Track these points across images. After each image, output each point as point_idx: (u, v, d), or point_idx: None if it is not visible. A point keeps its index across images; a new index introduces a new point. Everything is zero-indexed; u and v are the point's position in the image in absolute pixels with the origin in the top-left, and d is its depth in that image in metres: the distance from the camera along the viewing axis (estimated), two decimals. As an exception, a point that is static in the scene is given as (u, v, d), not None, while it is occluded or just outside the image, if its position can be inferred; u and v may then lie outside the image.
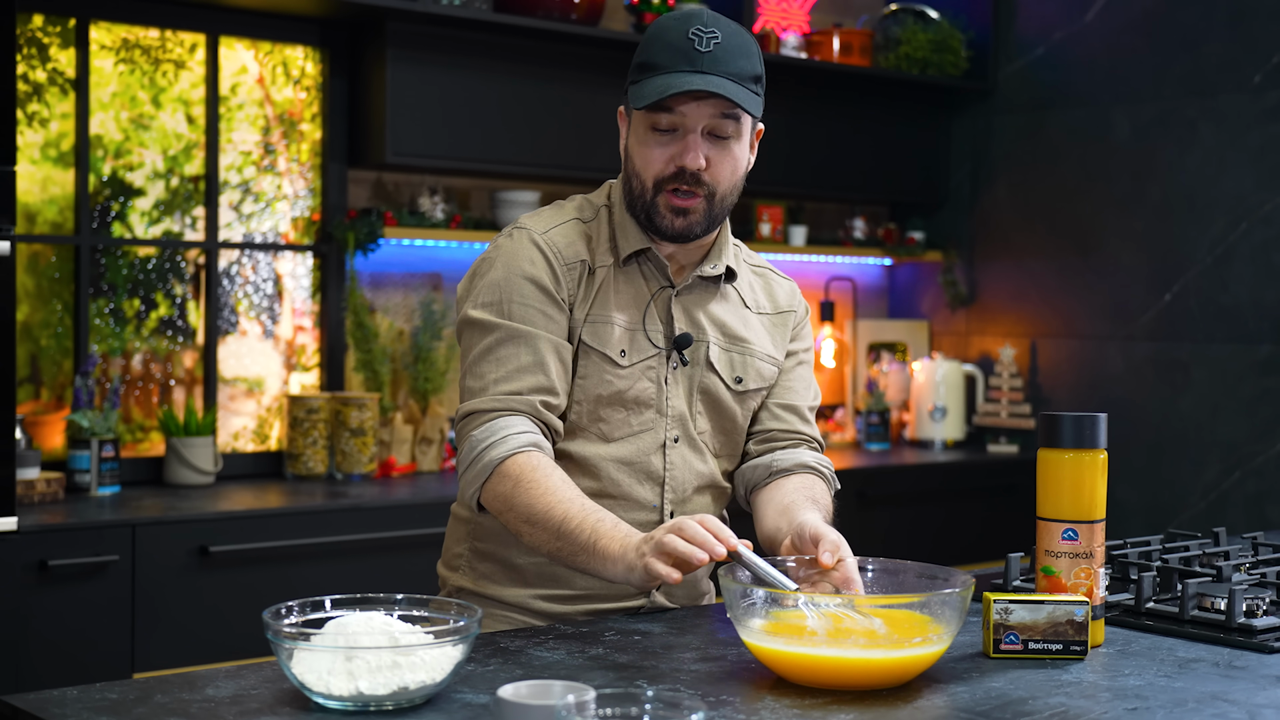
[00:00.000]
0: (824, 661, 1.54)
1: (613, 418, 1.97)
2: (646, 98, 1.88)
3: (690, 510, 2.02)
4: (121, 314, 3.83)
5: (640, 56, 1.93)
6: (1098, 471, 1.81)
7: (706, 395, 2.03)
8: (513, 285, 1.94)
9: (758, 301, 2.11)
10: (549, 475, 1.83)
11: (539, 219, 2.01)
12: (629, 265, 1.99)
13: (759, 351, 2.08)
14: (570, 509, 1.80)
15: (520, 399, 1.89)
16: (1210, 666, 1.72)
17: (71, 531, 3.11)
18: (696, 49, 1.88)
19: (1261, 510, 4.35)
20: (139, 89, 3.82)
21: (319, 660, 1.47)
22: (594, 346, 1.95)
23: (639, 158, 1.94)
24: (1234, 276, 4.43)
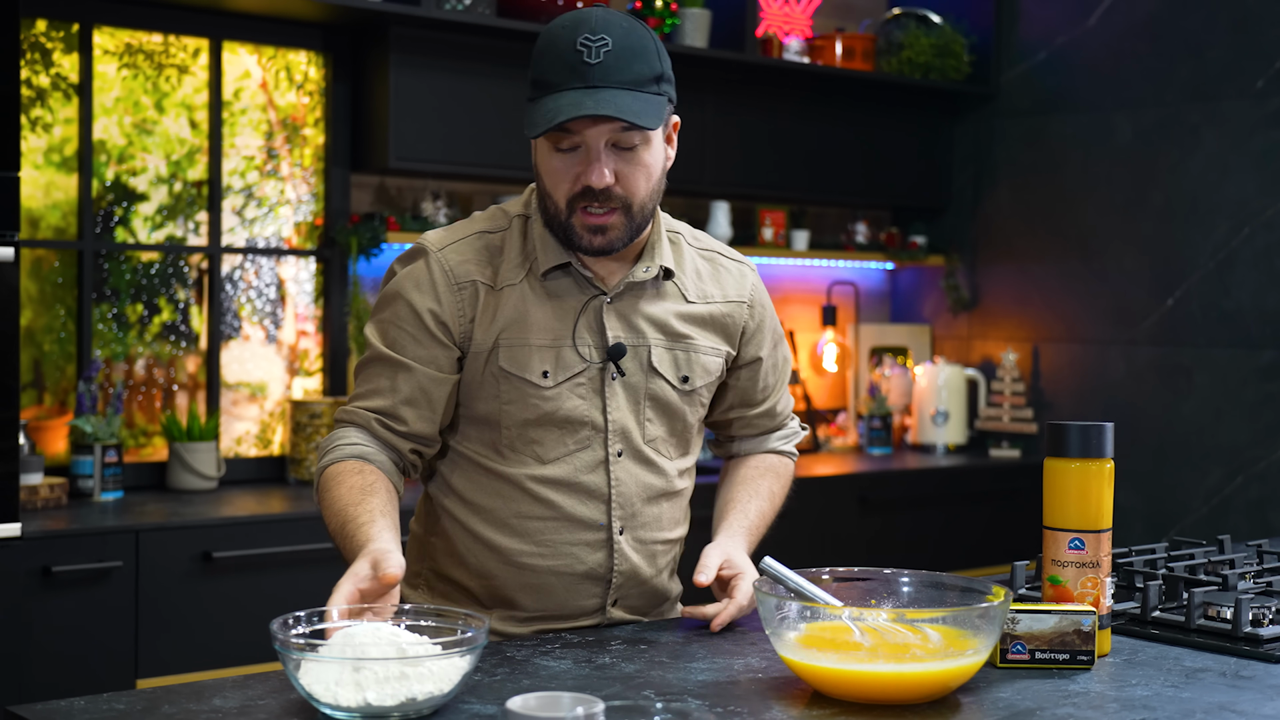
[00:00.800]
0: (870, 676, 1.54)
1: (545, 439, 1.90)
2: (537, 125, 1.79)
3: (643, 524, 1.96)
4: (124, 319, 3.82)
5: (533, 71, 1.83)
6: (1104, 481, 1.81)
7: (656, 401, 1.95)
8: (394, 308, 1.91)
9: (703, 292, 2.00)
10: (339, 483, 1.83)
11: (442, 234, 1.94)
12: (550, 279, 1.90)
13: (703, 346, 1.99)
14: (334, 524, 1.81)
15: (362, 414, 1.91)
16: (1217, 676, 1.71)
17: (75, 537, 3.11)
18: (586, 61, 1.78)
19: (1264, 515, 4.35)
20: (142, 94, 3.82)
21: (327, 671, 1.46)
22: (511, 372, 1.88)
23: (546, 178, 1.86)
24: (1236, 281, 4.43)
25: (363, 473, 1.84)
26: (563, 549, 1.93)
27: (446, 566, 1.99)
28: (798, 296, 5.14)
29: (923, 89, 4.96)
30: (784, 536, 4.15)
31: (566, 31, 1.80)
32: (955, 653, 1.57)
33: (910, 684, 1.55)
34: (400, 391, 1.89)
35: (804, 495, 4.36)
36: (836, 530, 4.30)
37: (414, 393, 1.89)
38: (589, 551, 1.93)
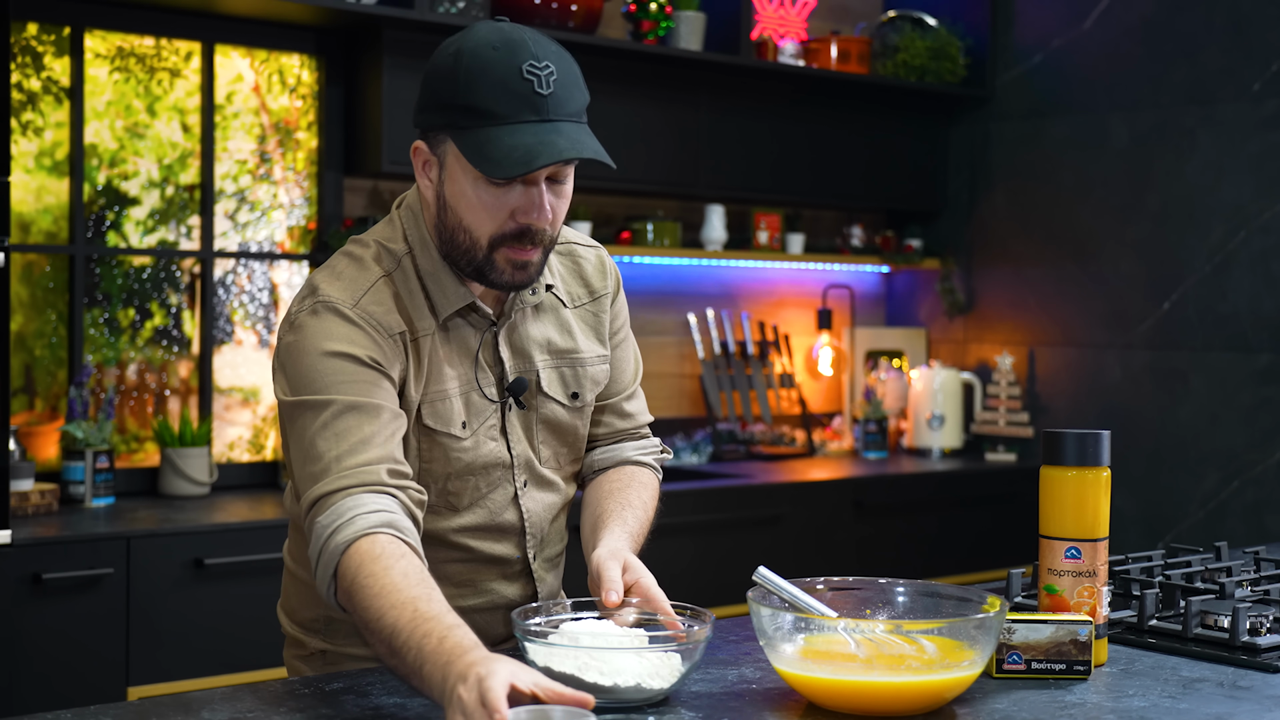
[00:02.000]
0: (866, 687, 1.53)
1: (461, 489, 1.79)
2: (502, 165, 1.61)
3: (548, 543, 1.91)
4: (116, 324, 3.81)
5: (462, 96, 1.64)
6: (1101, 489, 1.79)
7: (548, 423, 1.87)
8: (328, 365, 1.66)
9: (572, 294, 1.90)
10: (388, 570, 1.53)
11: (343, 286, 1.71)
12: (450, 322, 1.77)
13: (588, 358, 1.90)
14: (400, 618, 1.48)
15: (368, 470, 1.62)
16: (1215, 687, 1.70)
17: (66, 544, 3.09)
18: (538, 92, 1.63)
19: (1260, 520, 4.34)
20: (134, 97, 3.80)
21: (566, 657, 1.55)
22: (436, 429, 1.75)
23: (470, 215, 1.69)
24: (1233, 285, 4.42)
25: (405, 556, 1.55)
26: (483, 586, 1.86)
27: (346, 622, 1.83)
28: (793, 300, 5.13)
29: (918, 92, 4.95)
30: (778, 541, 4.16)
31: (502, 55, 1.64)
32: (951, 664, 1.56)
33: (906, 695, 1.54)
34: (392, 436, 1.66)
35: (798, 499, 4.37)
36: (831, 535, 4.29)
37: (398, 436, 1.67)
38: (507, 584, 1.88)
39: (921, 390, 4.96)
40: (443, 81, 1.67)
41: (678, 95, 4.46)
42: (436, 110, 1.68)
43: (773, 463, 4.64)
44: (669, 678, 1.57)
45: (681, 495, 3.95)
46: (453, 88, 1.65)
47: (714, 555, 3.99)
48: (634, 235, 4.50)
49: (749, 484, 4.18)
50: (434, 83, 1.69)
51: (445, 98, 1.66)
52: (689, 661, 1.59)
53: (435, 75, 1.69)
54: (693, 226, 4.77)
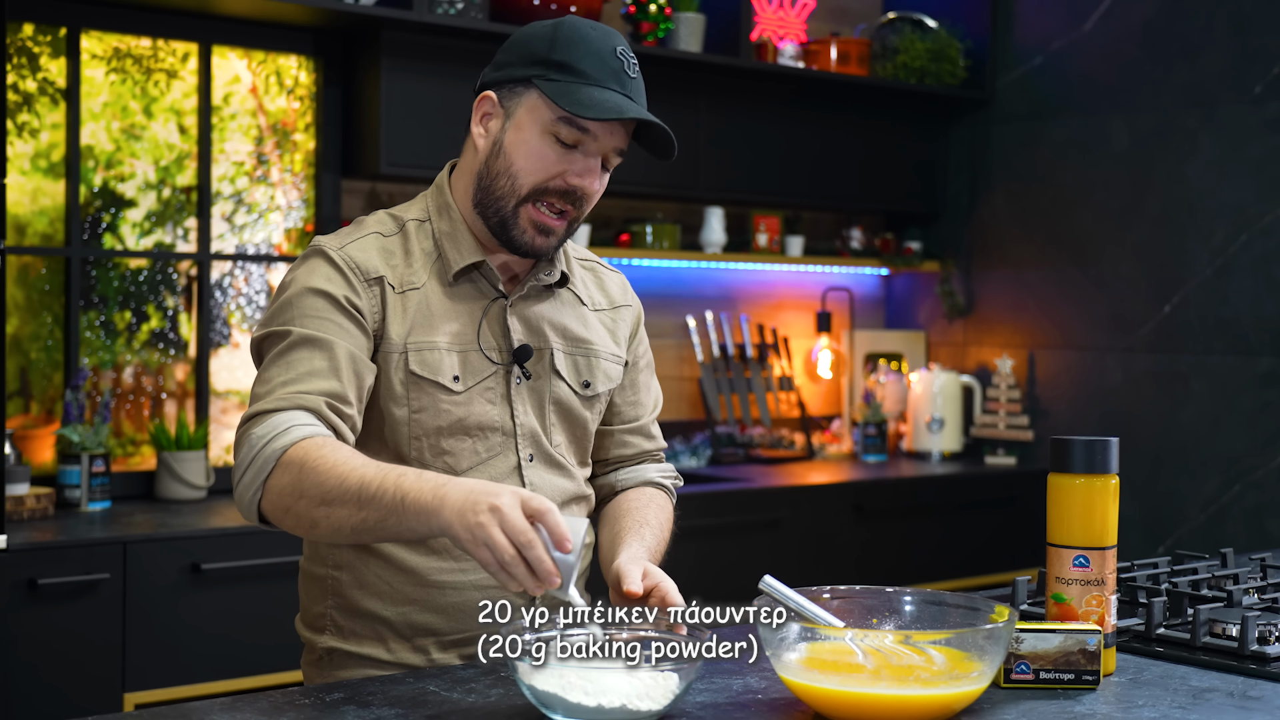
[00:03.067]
0: (874, 699, 1.51)
1: (458, 448, 1.82)
2: (590, 108, 1.73)
3: None
4: (112, 326, 3.78)
5: (558, 54, 1.77)
6: (1109, 497, 1.78)
7: (559, 406, 1.90)
8: (303, 300, 1.75)
9: (593, 298, 1.98)
10: (337, 450, 1.62)
11: (335, 236, 1.84)
12: (456, 281, 1.84)
13: (603, 352, 1.95)
14: (367, 473, 1.58)
15: (307, 397, 1.69)
16: (1225, 697, 1.68)
17: (61, 549, 3.06)
18: (627, 73, 1.80)
19: (1262, 524, 4.32)
20: (130, 99, 3.78)
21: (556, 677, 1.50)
22: (424, 376, 1.79)
23: (525, 159, 1.78)
24: (1234, 288, 4.41)
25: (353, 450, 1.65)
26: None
27: (357, 599, 1.85)
28: (792, 303, 5.12)
29: (918, 94, 4.93)
30: (777, 545, 4.14)
31: (600, 37, 1.79)
32: (960, 675, 1.54)
33: (914, 708, 1.52)
34: (342, 371, 1.72)
35: (798, 503, 4.35)
36: (830, 538, 4.27)
37: (352, 376, 1.73)
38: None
39: (921, 393, 4.94)
40: (538, 41, 1.79)
41: (677, 97, 4.44)
42: (524, 64, 1.79)
43: (772, 466, 4.62)
44: (661, 699, 1.51)
45: (680, 498, 3.91)
46: (550, 45, 1.78)
47: (713, 559, 3.97)
48: (633, 238, 4.48)
49: (748, 487, 4.16)
50: (526, 42, 1.81)
51: (540, 53, 1.78)
52: (685, 682, 1.53)
53: (528, 37, 1.81)
54: (692, 229, 4.75)
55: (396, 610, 1.85)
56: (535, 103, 1.78)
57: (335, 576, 1.87)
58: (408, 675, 1.75)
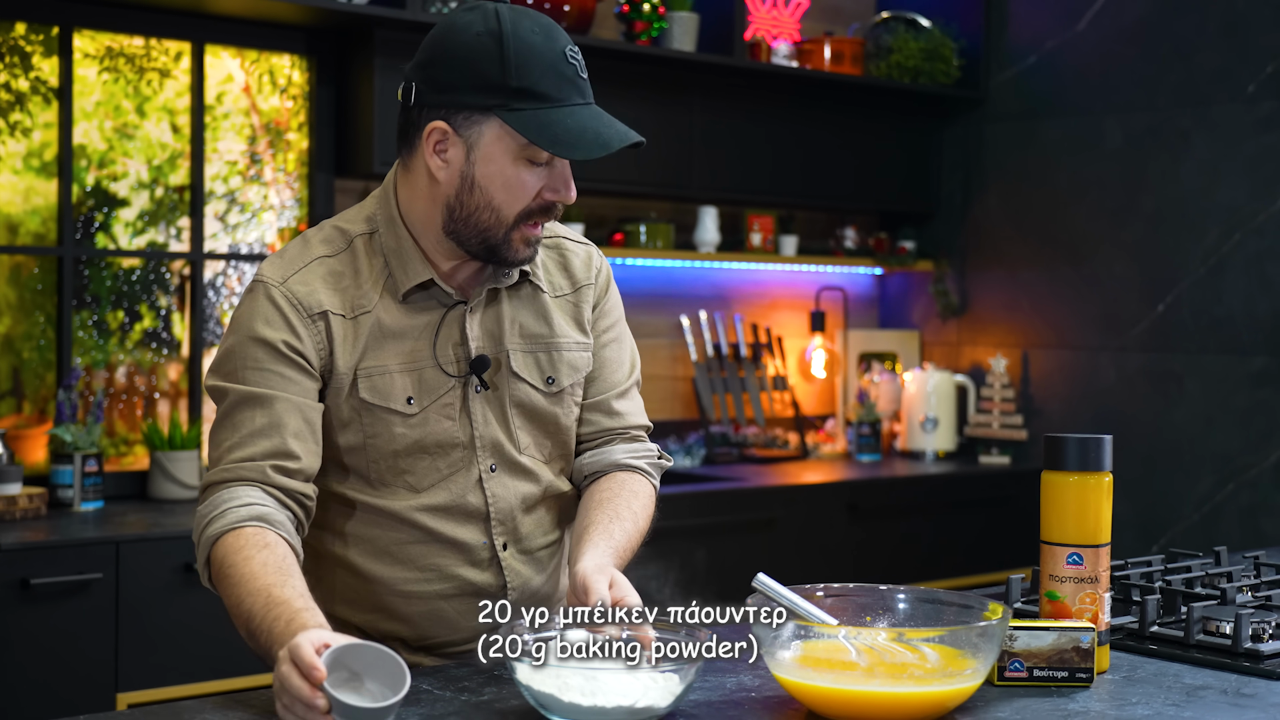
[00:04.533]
0: (868, 697, 1.51)
1: (417, 467, 1.80)
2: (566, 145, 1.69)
3: (524, 535, 1.87)
4: (105, 326, 3.78)
5: (514, 79, 1.68)
6: (1103, 494, 1.78)
7: (523, 408, 1.85)
8: (245, 350, 1.74)
9: (554, 283, 1.91)
10: (248, 560, 1.62)
11: (280, 264, 1.77)
12: (409, 298, 1.79)
13: (565, 343, 1.89)
14: (255, 605, 1.59)
15: (251, 465, 1.70)
16: (1219, 694, 1.68)
17: (54, 549, 3.06)
18: (580, 76, 1.74)
19: (1256, 523, 4.32)
20: (123, 98, 3.77)
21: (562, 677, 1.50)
22: (375, 403, 1.77)
23: (503, 191, 1.73)
24: (1227, 287, 4.41)
25: (269, 546, 1.64)
26: (448, 571, 1.83)
27: (341, 610, 1.86)
28: (786, 302, 5.11)
29: (912, 93, 4.93)
30: (771, 544, 4.13)
31: (542, 39, 1.71)
32: (954, 673, 1.54)
33: (908, 705, 1.52)
34: (286, 426, 1.71)
35: (792, 503, 4.35)
36: (824, 538, 4.27)
37: (299, 425, 1.73)
38: (475, 571, 1.84)
39: (915, 393, 4.94)
40: (486, 62, 1.69)
41: (671, 96, 4.44)
42: (476, 91, 1.69)
43: (766, 465, 4.62)
44: (660, 699, 1.51)
45: (674, 498, 3.92)
46: (502, 70, 1.69)
47: (708, 559, 3.97)
48: (626, 237, 4.48)
49: (742, 487, 4.16)
50: (471, 62, 1.70)
51: (493, 78, 1.69)
52: (685, 682, 1.52)
53: (472, 55, 1.70)
54: (685, 228, 4.75)
55: (364, 617, 1.86)
56: (499, 132, 1.71)
57: (322, 588, 1.85)
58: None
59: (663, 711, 1.52)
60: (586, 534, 1.78)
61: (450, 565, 1.83)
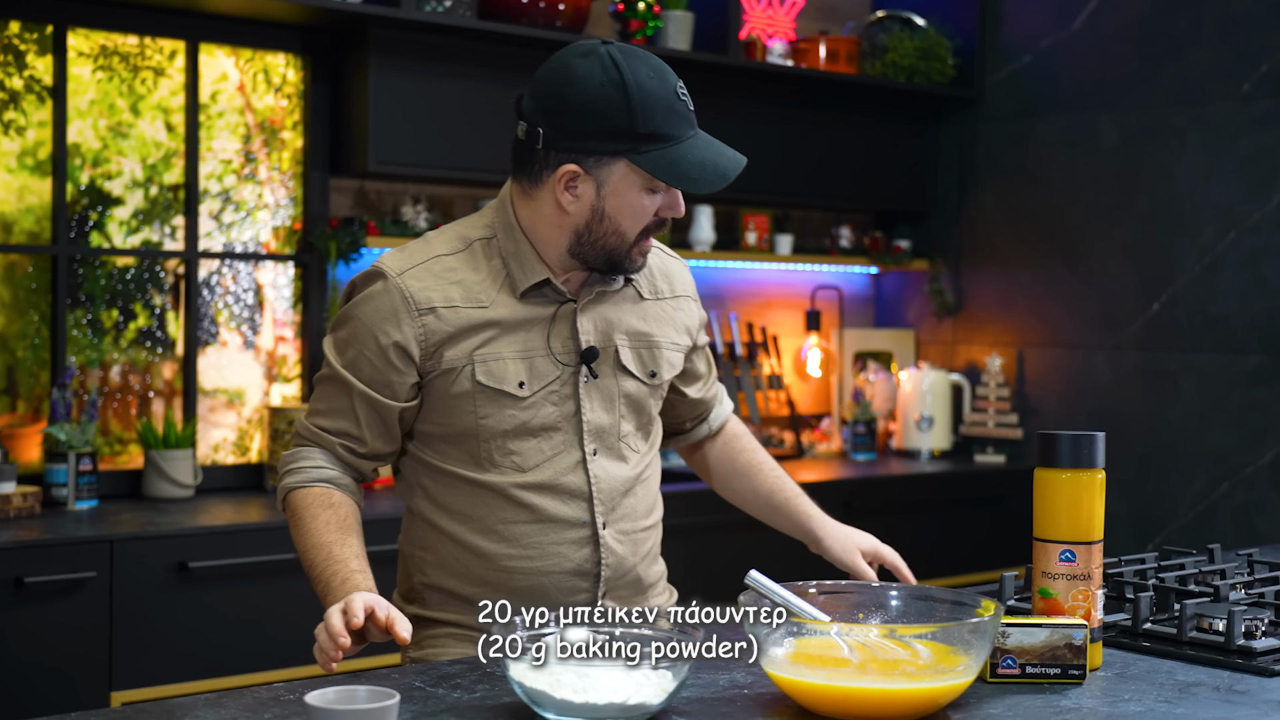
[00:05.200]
0: (860, 693, 1.51)
1: (523, 449, 1.98)
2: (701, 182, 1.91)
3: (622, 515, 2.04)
4: (99, 325, 3.77)
5: (641, 125, 1.88)
6: (1096, 492, 1.78)
7: (628, 398, 2.05)
8: (353, 329, 1.98)
9: (655, 288, 2.12)
10: (316, 516, 1.95)
11: (400, 257, 1.99)
12: (524, 296, 1.99)
13: (664, 342, 2.10)
14: (317, 559, 1.91)
15: (326, 437, 2.00)
16: (1211, 691, 1.68)
17: (48, 547, 3.05)
18: (690, 110, 1.94)
19: (1250, 522, 4.33)
20: (117, 96, 3.77)
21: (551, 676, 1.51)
22: (489, 385, 1.96)
23: (629, 218, 1.94)
24: (1222, 286, 4.41)
25: (334, 506, 1.96)
26: (549, 549, 1.99)
27: (438, 578, 2.03)
28: (781, 301, 5.11)
29: (907, 92, 4.93)
30: (766, 543, 4.12)
31: (658, 82, 1.90)
32: (945, 669, 1.54)
33: (899, 701, 1.52)
34: (359, 415, 1.98)
35: (788, 501, 4.33)
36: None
37: (372, 417, 1.98)
38: (575, 549, 1.99)
39: (910, 392, 4.94)
40: (615, 113, 1.88)
41: (666, 95, 4.43)
42: (608, 138, 1.89)
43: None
44: (653, 696, 1.51)
45: (670, 497, 3.91)
46: (629, 119, 1.88)
47: (703, 558, 3.97)
48: (622, 236, 4.47)
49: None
50: (601, 113, 1.89)
51: (623, 126, 1.88)
52: (679, 679, 1.52)
53: (601, 106, 1.89)
54: (680, 227, 4.74)
55: (472, 590, 2.01)
56: (627, 170, 1.91)
57: (421, 556, 2.05)
58: (393, 672, 1.75)
59: (655, 709, 1.52)
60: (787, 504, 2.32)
61: (552, 543, 1.99)
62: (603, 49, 1.91)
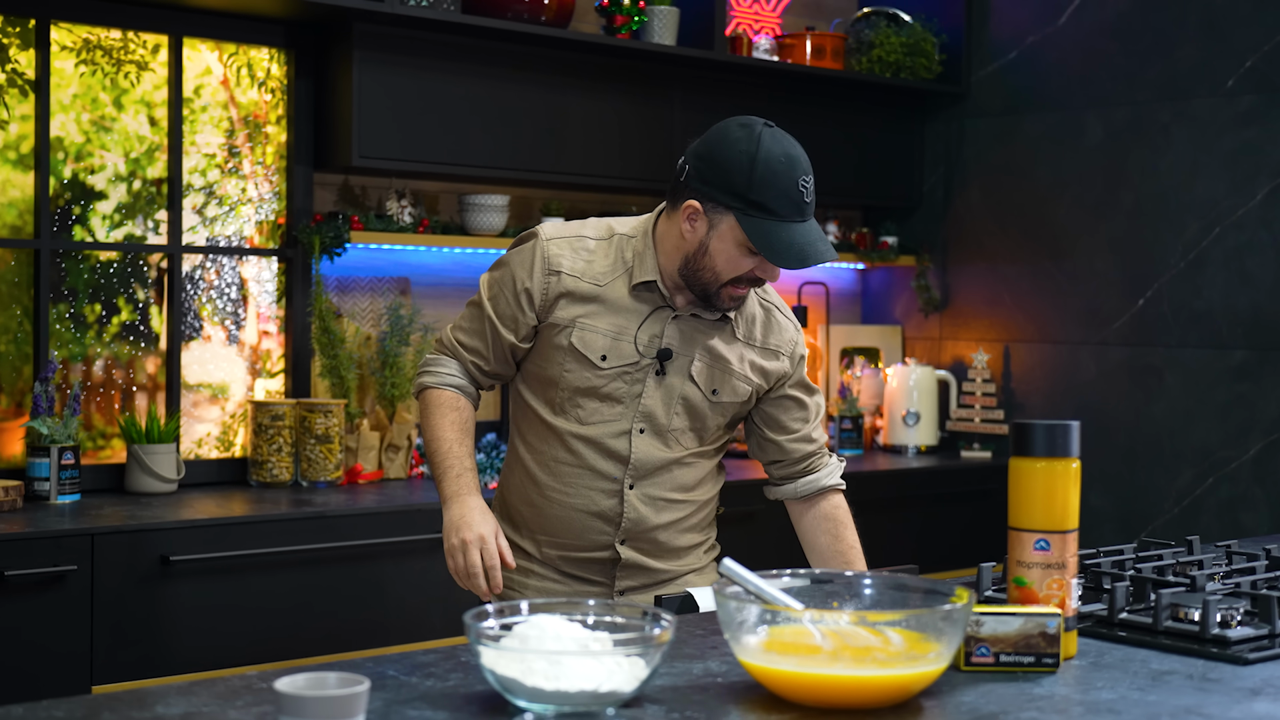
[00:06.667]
0: (831, 680, 1.50)
1: (587, 405, 2.36)
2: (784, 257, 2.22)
3: (653, 482, 2.40)
4: (82, 319, 3.76)
5: (754, 194, 2.21)
6: (1070, 481, 1.78)
7: (686, 402, 2.39)
8: (505, 276, 2.39)
9: (750, 334, 2.43)
10: (445, 414, 2.41)
11: (557, 227, 2.40)
12: (635, 290, 2.34)
13: (736, 372, 2.41)
14: (439, 449, 2.38)
15: (463, 353, 2.44)
16: (1184, 679, 1.68)
17: (29, 541, 3.05)
18: (805, 200, 2.23)
19: (1235, 516, 4.33)
20: (100, 90, 3.76)
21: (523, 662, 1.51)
22: (578, 349, 2.34)
23: (724, 263, 2.27)
24: (1207, 281, 4.42)
25: (459, 409, 2.42)
26: (584, 491, 2.38)
27: (507, 494, 2.50)
28: (768, 297, 5.11)
29: (893, 88, 4.93)
30: (752, 538, 4.13)
31: (786, 168, 2.22)
32: (917, 656, 1.54)
33: (871, 688, 1.51)
34: (488, 342, 2.41)
35: (773, 497, 4.32)
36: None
37: (498, 345, 2.41)
38: (604, 497, 2.37)
39: (897, 387, 4.95)
40: (739, 175, 2.23)
41: (651, 91, 4.44)
42: (727, 193, 2.24)
43: (747, 459, 4.61)
44: (625, 684, 1.50)
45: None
46: (748, 183, 2.22)
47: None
48: (607, 231, 4.47)
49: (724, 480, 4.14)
50: (728, 171, 2.24)
51: (739, 189, 2.23)
52: (650, 666, 1.52)
53: (730, 165, 2.24)
54: (667, 223, 4.74)
55: (524, 510, 2.46)
56: (733, 224, 2.24)
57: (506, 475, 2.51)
58: (367, 660, 1.74)
59: (628, 696, 1.52)
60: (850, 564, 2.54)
61: (587, 487, 2.38)
62: (761, 126, 2.25)
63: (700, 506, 2.49)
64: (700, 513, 2.50)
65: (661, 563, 2.44)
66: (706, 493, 2.51)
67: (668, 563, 2.46)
